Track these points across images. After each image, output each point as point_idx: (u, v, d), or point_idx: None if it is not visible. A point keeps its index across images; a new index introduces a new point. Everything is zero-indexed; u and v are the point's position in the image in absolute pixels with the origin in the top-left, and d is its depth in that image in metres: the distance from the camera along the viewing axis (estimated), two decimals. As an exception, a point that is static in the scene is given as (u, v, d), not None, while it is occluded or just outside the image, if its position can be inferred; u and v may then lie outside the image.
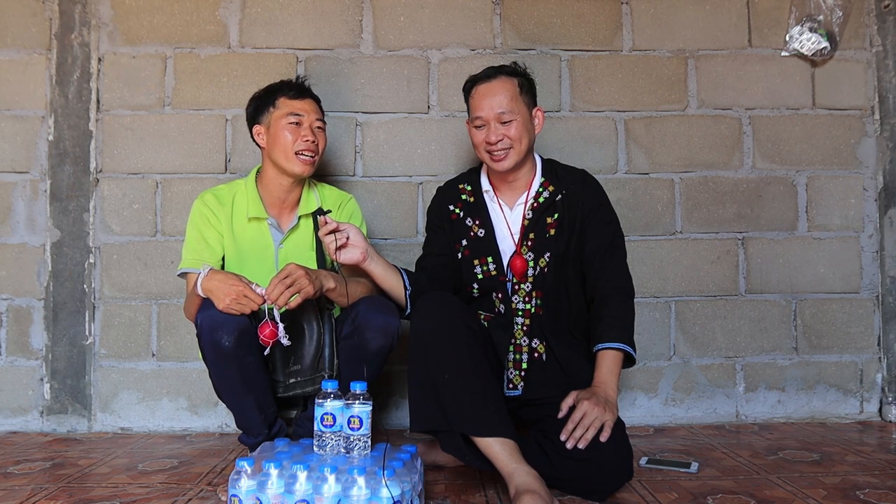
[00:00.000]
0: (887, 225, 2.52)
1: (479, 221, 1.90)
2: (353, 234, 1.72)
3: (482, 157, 1.86)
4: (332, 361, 1.84)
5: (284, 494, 1.36)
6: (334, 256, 1.70)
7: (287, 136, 1.90)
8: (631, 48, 2.52)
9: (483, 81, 1.84)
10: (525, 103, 1.84)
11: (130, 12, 2.44)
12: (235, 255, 1.95)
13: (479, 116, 1.82)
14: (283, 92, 1.95)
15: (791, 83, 2.54)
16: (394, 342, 1.80)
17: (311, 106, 1.96)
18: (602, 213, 1.88)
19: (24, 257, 2.41)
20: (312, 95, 2.00)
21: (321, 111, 2.01)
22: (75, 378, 2.39)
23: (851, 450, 2.07)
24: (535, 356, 1.82)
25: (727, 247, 2.51)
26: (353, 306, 1.82)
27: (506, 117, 1.79)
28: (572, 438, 1.59)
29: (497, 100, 1.80)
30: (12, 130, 2.43)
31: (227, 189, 2.00)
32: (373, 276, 1.79)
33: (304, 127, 1.92)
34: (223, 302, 1.68)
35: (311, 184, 2.05)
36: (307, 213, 1.99)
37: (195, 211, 1.96)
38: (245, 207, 1.96)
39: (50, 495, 1.69)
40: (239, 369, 1.75)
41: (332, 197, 2.07)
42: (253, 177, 2.01)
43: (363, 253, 1.72)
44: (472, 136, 1.87)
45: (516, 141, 1.80)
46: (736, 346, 2.49)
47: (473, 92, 1.86)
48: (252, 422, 1.84)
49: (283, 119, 1.91)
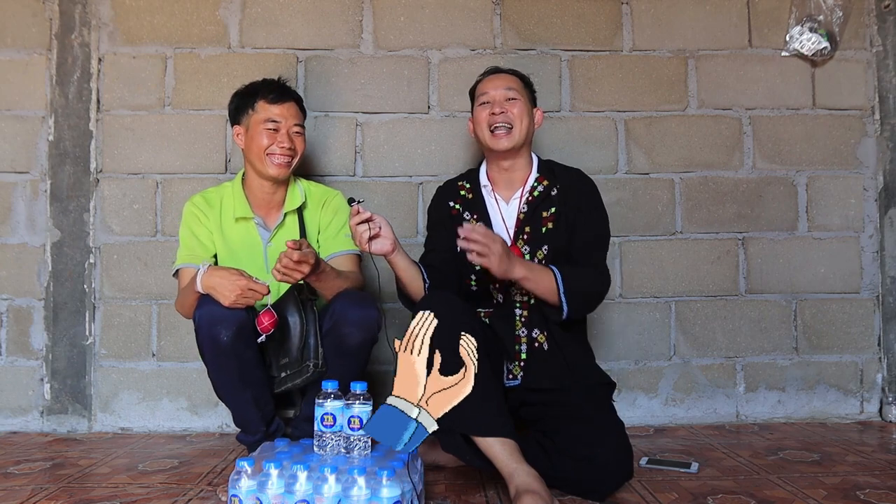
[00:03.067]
0: (887, 225, 2.52)
1: (476, 216, 1.93)
2: (384, 226, 1.71)
3: (483, 135, 1.89)
4: (316, 350, 1.84)
5: (284, 494, 1.36)
6: (365, 247, 1.67)
7: (263, 141, 1.92)
8: (631, 48, 2.52)
9: (491, 73, 1.96)
10: (527, 97, 1.93)
11: (130, 12, 2.44)
12: (226, 254, 1.98)
13: (485, 93, 1.91)
14: (263, 95, 1.95)
15: (791, 83, 2.53)
16: (374, 335, 1.81)
17: (290, 110, 1.96)
18: (591, 212, 1.90)
19: (24, 257, 2.41)
20: (293, 97, 2.00)
21: (301, 113, 2.02)
22: (75, 378, 2.39)
23: (852, 450, 2.07)
24: (536, 346, 1.83)
25: (727, 247, 2.51)
26: (332, 301, 1.84)
27: (511, 94, 1.88)
28: (465, 241, 1.60)
29: (504, 81, 1.91)
30: (12, 130, 2.43)
31: (216, 192, 2.05)
32: (397, 268, 1.78)
33: (282, 133, 1.94)
34: (229, 298, 1.70)
35: (295, 179, 2.07)
36: (292, 209, 2.01)
37: (186, 213, 2.01)
38: (232, 208, 1.99)
39: (50, 495, 1.69)
40: (237, 364, 1.77)
41: (318, 193, 2.08)
42: (239, 178, 2.05)
43: (393, 244, 1.72)
44: (475, 117, 1.93)
45: (517, 119, 1.85)
46: (736, 346, 2.49)
47: (481, 81, 1.97)
48: (250, 418, 1.85)
49: (261, 125, 1.93)
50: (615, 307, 2.48)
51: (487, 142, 1.88)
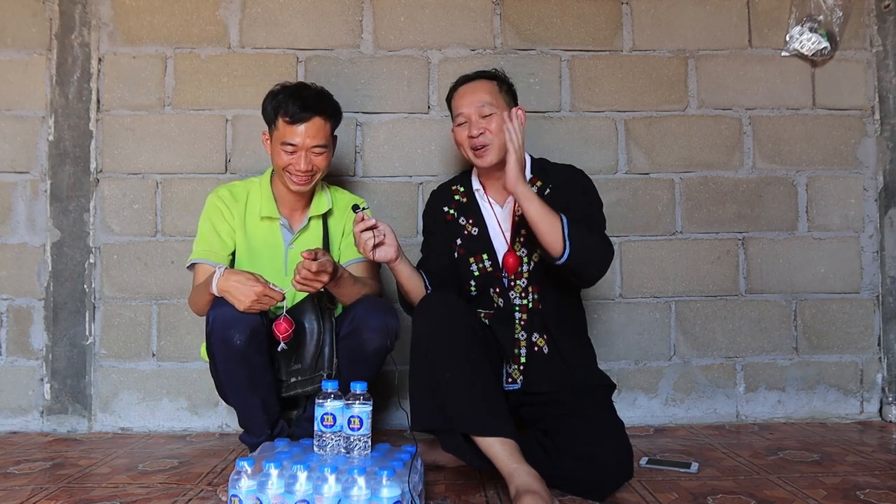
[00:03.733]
0: (887, 225, 2.52)
1: (472, 220, 1.92)
2: (388, 233, 1.71)
3: (467, 155, 1.88)
4: (331, 361, 1.85)
5: (284, 494, 1.36)
6: (369, 254, 1.69)
7: (282, 158, 1.86)
8: (631, 48, 2.52)
9: (463, 84, 1.91)
10: (505, 101, 1.88)
11: (130, 12, 2.44)
12: (246, 252, 1.95)
13: (460, 113, 1.86)
14: (284, 111, 1.83)
15: (791, 83, 2.53)
16: (392, 343, 1.81)
17: (309, 130, 1.83)
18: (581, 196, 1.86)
19: (24, 257, 2.41)
20: (317, 110, 1.84)
21: (328, 125, 1.87)
22: (75, 378, 2.39)
23: (852, 450, 2.07)
24: (535, 350, 1.83)
25: (727, 247, 2.51)
26: (352, 306, 1.83)
27: (486, 111, 1.82)
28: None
29: (477, 96, 1.85)
30: (12, 130, 2.42)
31: (242, 186, 2.01)
32: (400, 275, 1.79)
33: (298, 155, 1.84)
34: (244, 304, 1.68)
35: (323, 186, 2.05)
36: (317, 214, 1.99)
37: (209, 204, 1.96)
38: (258, 206, 1.96)
39: (50, 495, 1.69)
40: (248, 368, 1.76)
41: (344, 200, 2.06)
42: (268, 176, 2.01)
43: (396, 251, 1.73)
44: (456, 137, 1.90)
45: (496, 135, 1.81)
46: (736, 346, 2.49)
47: (455, 95, 1.92)
48: (255, 421, 1.85)
49: (279, 143, 1.86)
50: (615, 307, 2.48)
51: (472, 160, 1.88)
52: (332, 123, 1.91)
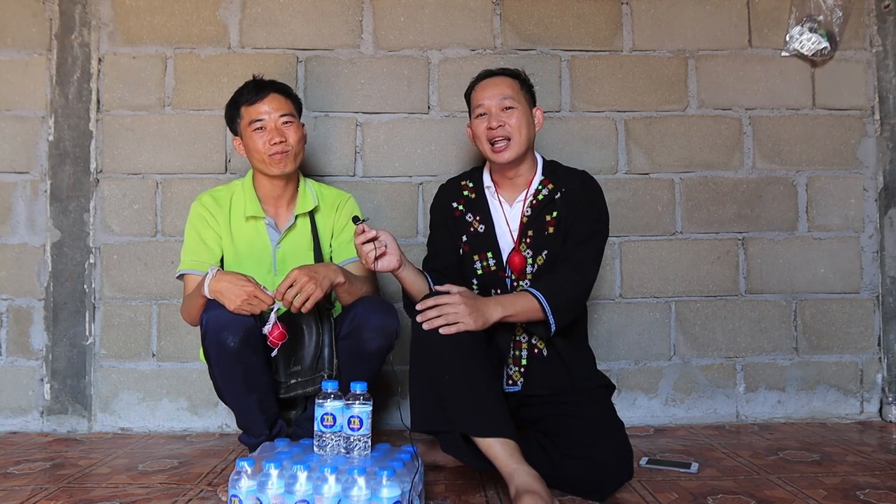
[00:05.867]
0: (887, 225, 2.52)
1: (479, 217, 1.91)
2: (389, 243, 1.71)
3: (484, 149, 1.86)
4: (331, 361, 1.85)
5: (284, 495, 1.36)
6: (372, 266, 1.68)
7: (257, 143, 1.90)
8: (631, 48, 2.52)
9: (485, 78, 1.90)
10: (525, 100, 1.87)
11: (130, 12, 2.44)
12: (234, 256, 1.96)
13: (480, 105, 1.85)
14: (242, 99, 1.93)
15: (791, 83, 2.53)
16: (392, 342, 1.81)
17: (272, 103, 1.91)
18: (589, 210, 1.85)
19: (24, 257, 2.41)
20: (273, 88, 1.94)
21: (290, 101, 1.96)
22: (75, 378, 2.39)
23: (852, 450, 2.07)
24: (535, 352, 1.82)
25: (727, 247, 2.51)
26: (352, 306, 1.83)
27: (507, 103, 1.82)
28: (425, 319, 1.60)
29: (499, 89, 1.84)
30: (12, 131, 2.42)
31: (225, 190, 2.02)
32: (404, 282, 1.79)
33: (269, 129, 1.90)
34: (234, 303, 1.69)
35: (306, 181, 2.05)
36: (304, 212, 1.99)
37: (193, 213, 1.98)
38: (243, 206, 1.97)
39: (50, 495, 1.69)
40: (243, 370, 1.75)
41: (331, 196, 2.07)
42: (250, 176, 2.03)
43: (399, 260, 1.72)
44: (474, 129, 1.87)
45: (516, 130, 1.81)
46: (736, 346, 2.49)
47: (475, 89, 1.90)
48: (254, 422, 1.84)
49: (249, 128, 1.91)
50: (615, 307, 2.48)
51: (489, 155, 1.86)
52: (292, 102, 1.98)
